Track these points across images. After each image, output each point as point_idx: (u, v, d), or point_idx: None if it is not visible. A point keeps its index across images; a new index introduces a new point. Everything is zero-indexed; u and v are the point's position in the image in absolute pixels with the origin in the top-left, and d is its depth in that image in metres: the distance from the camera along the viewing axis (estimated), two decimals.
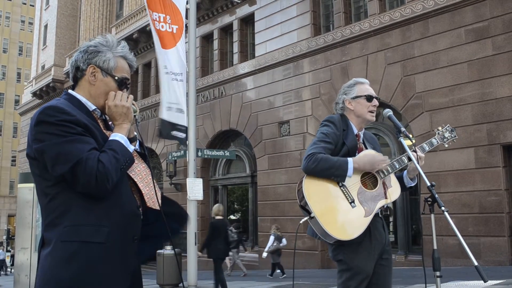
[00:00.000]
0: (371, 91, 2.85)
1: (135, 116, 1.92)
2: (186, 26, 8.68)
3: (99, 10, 27.23)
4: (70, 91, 1.91)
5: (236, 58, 17.01)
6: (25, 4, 55.00)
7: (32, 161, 1.74)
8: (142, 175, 1.87)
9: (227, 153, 12.53)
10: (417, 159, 2.70)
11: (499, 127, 10.03)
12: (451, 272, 8.24)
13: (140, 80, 21.51)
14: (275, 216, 14.33)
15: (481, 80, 10.39)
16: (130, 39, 20.78)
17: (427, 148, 2.92)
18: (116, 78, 1.90)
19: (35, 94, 30.74)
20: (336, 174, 2.58)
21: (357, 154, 2.74)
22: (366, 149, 2.82)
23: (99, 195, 1.68)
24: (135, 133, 1.96)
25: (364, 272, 2.60)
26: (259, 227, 15.19)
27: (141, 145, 1.98)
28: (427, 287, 2.77)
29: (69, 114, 1.71)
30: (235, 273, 13.83)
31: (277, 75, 15.10)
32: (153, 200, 1.86)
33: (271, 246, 12.71)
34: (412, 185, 2.86)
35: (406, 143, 2.73)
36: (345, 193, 2.61)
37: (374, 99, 2.83)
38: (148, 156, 1.98)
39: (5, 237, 38.26)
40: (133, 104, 1.92)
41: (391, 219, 12.50)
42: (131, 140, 1.87)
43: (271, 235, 12.97)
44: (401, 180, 2.85)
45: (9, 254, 29.92)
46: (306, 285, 9.12)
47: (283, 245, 12.77)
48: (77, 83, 1.92)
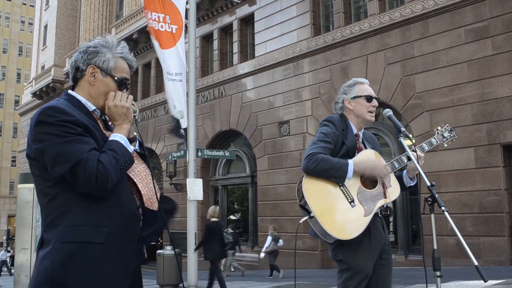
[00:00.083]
0: (371, 91, 2.86)
1: (134, 117, 1.92)
2: (186, 26, 8.68)
3: (99, 11, 27.23)
4: (70, 91, 1.90)
5: (236, 58, 17.02)
6: (25, 4, 55.00)
7: (32, 161, 1.74)
8: (141, 175, 1.87)
9: (227, 153, 12.52)
10: (417, 159, 2.70)
11: (499, 127, 10.03)
12: (451, 272, 8.23)
13: (140, 81, 21.51)
14: (275, 216, 14.33)
15: (481, 80, 10.39)
16: (130, 39, 20.79)
17: (426, 148, 2.92)
18: (116, 78, 1.90)
19: (35, 94, 30.75)
20: (336, 175, 2.59)
21: (356, 153, 2.74)
22: (365, 148, 2.83)
23: (99, 195, 1.68)
24: (135, 133, 1.96)
25: (364, 271, 2.60)
26: (259, 227, 15.19)
27: (141, 145, 1.98)
28: (427, 287, 2.77)
29: (69, 114, 1.71)
30: (233, 273, 13.83)
31: (277, 75, 15.10)
32: (151, 201, 1.85)
33: (268, 247, 12.73)
34: (411, 184, 2.87)
35: (406, 143, 2.74)
36: (345, 193, 2.61)
37: (374, 99, 2.84)
38: (148, 156, 1.98)
39: (5, 237, 38.24)
40: (133, 105, 1.91)
41: (391, 219, 12.50)
42: (131, 140, 1.87)
43: (268, 236, 13.00)
44: (400, 179, 2.85)
45: (9, 254, 29.88)
46: (306, 285, 9.12)
47: (279, 245, 12.79)
48: (76, 84, 1.91)
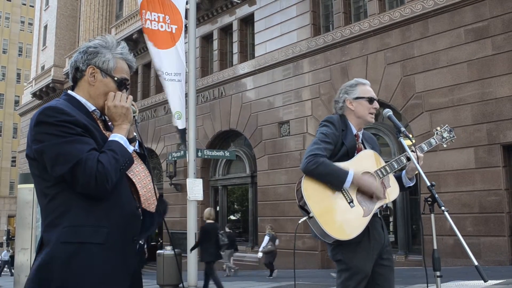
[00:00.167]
0: (372, 93, 2.88)
1: (134, 117, 1.92)
2: (185, 27, 8.68)
3: (99, 11, 27.23)
4: (70, 91, 1.90)
5: (236, 58, 17.01)
6: (24, 4, 55.00)
7: (31, 161, 1.74)
8: (140, 175, 1.86)
9: (227, 154, 12.52)
10: (416, 159, 2.71)
11: (499, 127, 10.03)
12: (451, 272, 8.23)
13: (140, 81, 21.51)
14: (275, 216, 14.33)
15: (481, 80, 10.39)
16: (129, 39, 20.79)
17: (425, 148, 2.93)
18: (116, 78, 1.90)
19: (35, 94, 30.75)
20: (333, 182, 2.60)
21: (356, 153, 2.75)
22: (365, 149, 2.84)
23: (98, 195, 1.68)
24: (135, 133, 1.96)
25: (363, 272, 2.60)
26: (259, 227, 15.18)
27: (140, 145, 1.98)
28: (428, 287, 2.77)
29: (69, 114, 1.70)
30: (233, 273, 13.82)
31: (277, 75, 15.10)
32: (148, 202, 1.85)
33: (265, 247, 12.76)
34: (410, 185, 2.87)
35: (406, 143, 2.74)
36: (344, 193, 2.61)
37: (375, 101, 2.85)
38: (147, 156, 1.98)
39: (5, 237, 38.23)
40: (133, 105, 1.91)
41: (391, 219, 12.50)
42: (131, 140, 1.87)
43: (266, 235, 13.03)
44: (399, 180, 2.86)
45: (8, 254, 29.87)
46: (306, 285, 9.12)
47: (276, 245, 12.84)
48: (76, 84, 1.91)
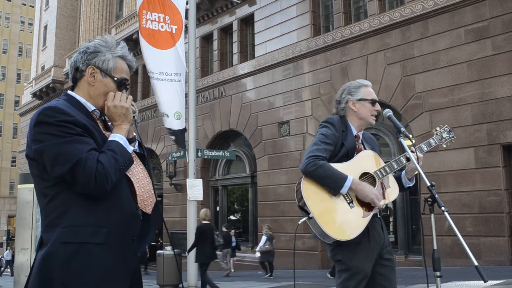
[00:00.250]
0: (374, 95, 2.90)
1: (134, 117, 1.92)
2: (185, 27, 8.67)
3: (99, 11, 27.23)
4: (70, 92, 1.90)
5: (236, 58, 17.01)
6: (24, 5, 55.00)
7: (31, 161, 1.74)
8: (139, 176, 1.86)
9: (227, 154, 12.52)
10: (416, 160, 2.71)
11: (499, 127, 10.03)
12: (451, 272, 8.23)
13: (140, 81, 21.51)
14: (275, 217, 14.33)
15: (481, 80, 10.39)
16: (130, 39, 20.78)
17: (425, 149, 2.93)
18: (116, 79, 1.90)
19: (35, 95, 30.74)
20: (331, 186, 2.59)
21: (355, 154, 2.75)
22: (365, 149, 2.84)
23: (98, 195, 1.68)
24: (134, 133, 1.96)
25: (363, 272, 2.60)
26: (259, 227, 15.17)
27: (140, 145, 1.97)
28: (428, 287, 2.77)
29: (68, 114, 1.70)
30: (219, 273, 13.85)
31: (277, 75, 15.10)
32: (145, 203, 1.84)
33: (262, 246, 12.79)
34: (410, 185, 2.87)
35: (406, 143, 2.74)
36: (344, 194, 2.61)
37: (377, 103, 2.86)
38: (147, 157, 1.97)
39: (5, 238, 38.23)
40: (132, 105, 1.91)
41: (391, 219, 12.51)
42: (130, 140, 1.87)
43: (263, 235, 13.05)
44: (399, 180, 2.85)
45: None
46: (306, 285, 9.12)
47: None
48: (76, 84, 1.91)
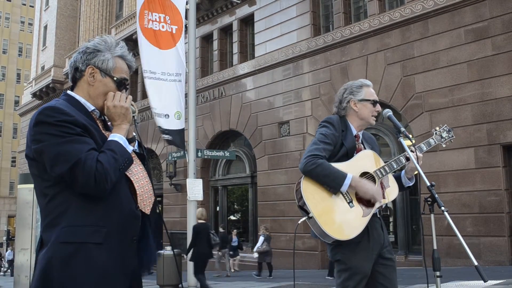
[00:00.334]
0: (375, 95, 2.90)
1: (134, 117, 1.92)
2: (185, 27, 8.67)
3: (99, 11, 27.22)
4: (69, 91, 1.90)
5: (236, 58, 17.01)
6: (24, 5, 55.00)
7: (31, 161, 1.74)
8: (138, 176, 1.86)
9: (227, 154, 12.52)
10: (416, 159, 2.71)
11: (499, 127, 10.03)
12: (451, 272, 8.23)
13: (140, 81, 21.47)
14: (275, 217, 14.32)
15: (480, 80, 10.39)
16: (130, 39, 20.76)
17: (424, 148, 2.93)
18: (115, 78, 1.89)
19: (35, 95, 30.72)
20: (330, 184, 2.59)
21: (355, 154, 2.75)
22: (364, 149, 2.84)
23: (98, 195, 1.68)
24: (134, 133, 1.96)
25: (362, 272, 2.60)
26: (259, 227, 15.17)
27: (139, 145, 1.97)
28: (428, 287, 2.77)
29: (68, 114, 1.70)
30: (218, 273, 13.86)
31: (277, 75, 15.10)
32: (144, 203, 1.84)
33: (260, 247, 12.82)
34: (410, 185, 2.87)
35: (406, 143, 2.74)
36: (343, 193, 2.61)
37: (378, 104, 2.86)
38: (146, 156, 1.97)
39: (5, 238, 38.23)
40: (132, 105, 1.91)
41: (391, 219, 12.50)
42: (130, 140, 1.87)
43: (260, 236, 13.07)
44: (398, 180, 2.85)
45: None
46: (306, 285, 9.12)
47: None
48: (76, 84, 1.91)
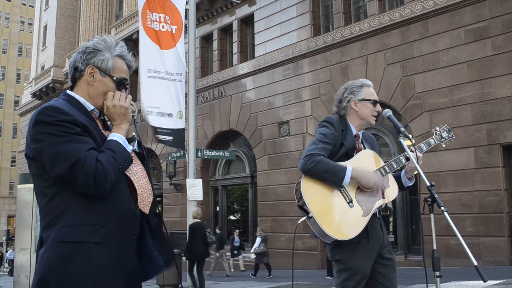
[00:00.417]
0: (376, 96, 2.90)
1: (133, 117, 1.92)
2: (185, 27, 8.68)
3: (99, 11, 27.22)
4: (69, 91, 1.90)
5: (235, 58, 17.01)
6: (24, 5, 55.00)
7: (30, 161, 1.74)
8: (138, 175, 1.86)
9: (227, 154, 12.52)
10: (416, 159, 2.70)
11: (498, 127, 10.03)
12: (451, 272, 8.23)
13: (139, 81, 21.48)
14: (275, 217, 14.32)
15: (480, 80, 10.39)
16: (129, 39, 20.77)
17: (424, 148, 2.93)
18: (115, 78, 1.89)
19: (34, 94, 30.72)
20: (332, 179, 2.58)
21: (355, 154, 2.74)
22: (364, 149, 2.83)
23: (97, 195, 1.68)
24: (134, 133, 1.96)
25: (362, 272, 2.60)
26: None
27: (139, 145, 1.97)
28: (427, 287, 2.76)
29: (68, 114, 1.70)
30: (218, 273, 13.83)
31: (276, 75, 15.10)
32: (144, 202, 1.84)
33: (257, 248, 12.83)
34: (409, 184, 2.86)
35: (406, 143, 2.74)
36: (343, 193, 2.61)
37: (378, 104, 2.86)
38: (146, 156, 1.97)
39: (5, 238, 38.23)
40: (132, 105, 1.91)
41: (391, 219, 12.50)
42: (130, 140, 1.87)
43: (257, 237, 13.07)
44: (398, 179, 2.85)
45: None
46: (306, 285, 9.13)
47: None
48: (75, 84, 1.91)
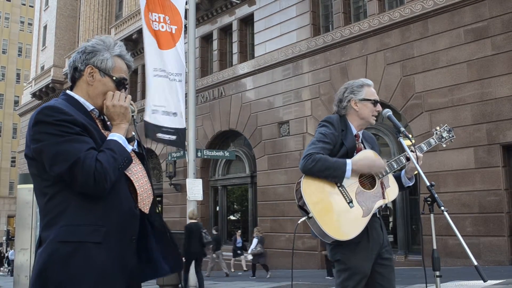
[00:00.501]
0: (376, 95, 2.89)
1: (133, 116, 1.92)
2: (185, 27, 8.68)
3: (99, 11, 27.22)
4: (68, 91, 1.90)
5: (235, 58, 17.01)
6: (24, 5, 55.00)
7: (30, 161, 1.74)
8: (138, 175, 1.86)
9: (227, 154, 12.53)
10: (416, 159, 2.70)
11: (498, 127, 10.03)
12: (451, 272, 8.23)
13: (139, 81, 21.49)
14: (274, 217, 14.32)
15: (480, 80, 10.39)
16: (129, 39, 20.78)
17: (425, 148, 2.92)
18: (114, 78, 1.90)
19: (34, 95, 30.71)
20: (334, 175, 2.58)
21: (355, 154, 2.74)
22: (365, 149, 2.83)
23: (97, 194, 1.68)
24: (133, 133, 1.96)
25: (362, 272, 2.60)
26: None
27: (139, 145, 1.97)
28: (427, 287, 2.76)
29: (67, 114, 1.70)
30: (217, 273, 13.83)
31: (276, 75, 15.10)
32: (144, 202, 1.85)
33: (254, 249, 12.85)
34: (409, 184, 2.86)
35: (406, 143, 2.74)
36: (343, 193, 2.61)
37: (378, 104, 2.85)
38: (146, 156, 1.97)
39: (4, 238, 38.23)
40: (131, 104, 1.91)
41: (391, 219, 12.50)
42: (129, 140, 1.87)
43: (254, 238, 13.08)
44: (398, 179, 2.85)
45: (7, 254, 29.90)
46: (306, 285, 9.13)
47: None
48: (75, 84, 1.91)
